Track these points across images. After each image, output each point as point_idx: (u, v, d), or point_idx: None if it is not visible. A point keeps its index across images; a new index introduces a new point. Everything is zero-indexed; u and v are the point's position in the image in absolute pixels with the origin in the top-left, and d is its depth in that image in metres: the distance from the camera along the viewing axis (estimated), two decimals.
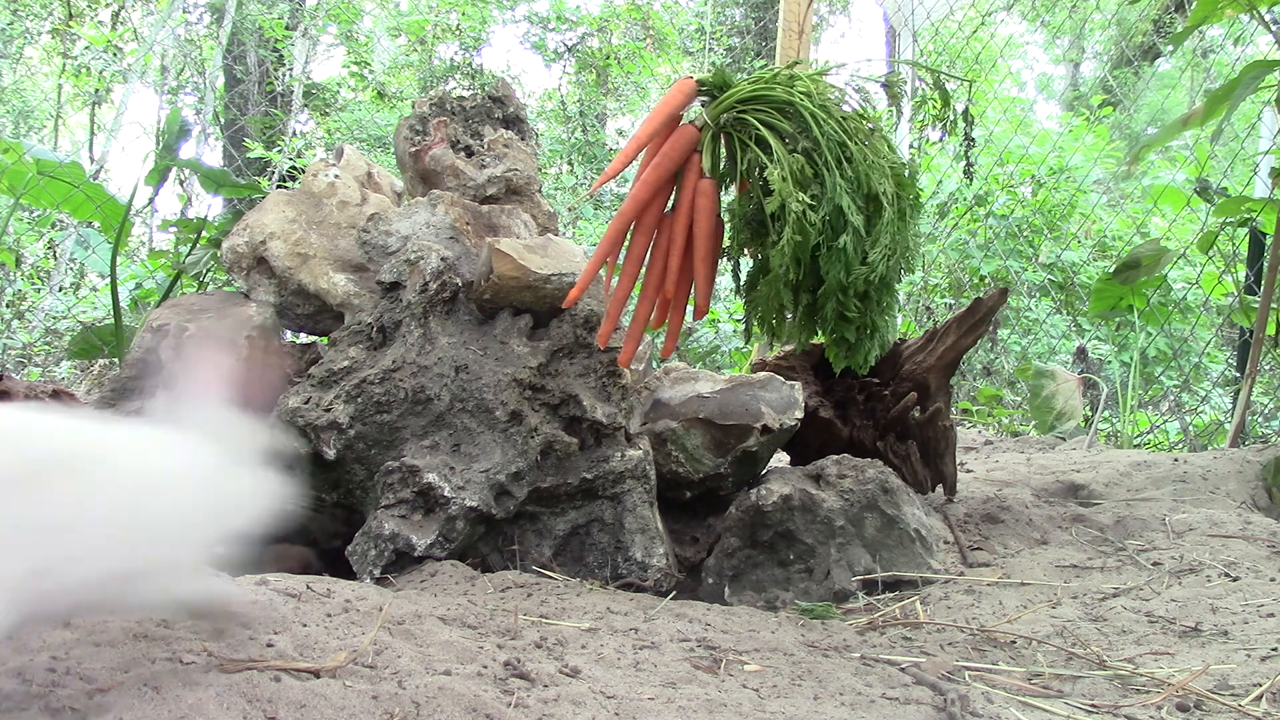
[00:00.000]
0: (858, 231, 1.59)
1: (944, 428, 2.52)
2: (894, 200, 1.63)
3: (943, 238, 6.58)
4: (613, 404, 2.02)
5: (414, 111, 2.44)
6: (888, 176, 1.63)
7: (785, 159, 1.60)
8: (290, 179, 8.90)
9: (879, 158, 1.63)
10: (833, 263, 1.59)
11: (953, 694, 1.24)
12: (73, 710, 0.86)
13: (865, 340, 1.69)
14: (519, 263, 1.98)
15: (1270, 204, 3.42)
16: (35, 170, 3.37)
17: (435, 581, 1.74)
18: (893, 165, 1.65)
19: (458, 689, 1.04)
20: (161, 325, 2.15)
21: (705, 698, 1.19)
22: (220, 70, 10.91)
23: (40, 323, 6.34)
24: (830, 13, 14.72)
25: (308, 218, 2.28)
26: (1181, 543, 2.20)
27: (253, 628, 1.13)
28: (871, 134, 1.68)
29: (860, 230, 1.59)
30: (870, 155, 1.62)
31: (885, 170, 1.63)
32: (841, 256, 1.58)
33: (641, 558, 1.96)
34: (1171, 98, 9.67)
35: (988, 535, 2.34)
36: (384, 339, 2.03)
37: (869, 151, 1.63)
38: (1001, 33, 8.69)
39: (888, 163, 1.64)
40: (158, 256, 4.16)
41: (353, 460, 1.94)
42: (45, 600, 0.85)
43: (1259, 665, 1.40)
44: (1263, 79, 2.82)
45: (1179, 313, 4.83)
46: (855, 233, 1.58)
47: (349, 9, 11.72)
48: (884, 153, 1.65)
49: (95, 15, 12.12)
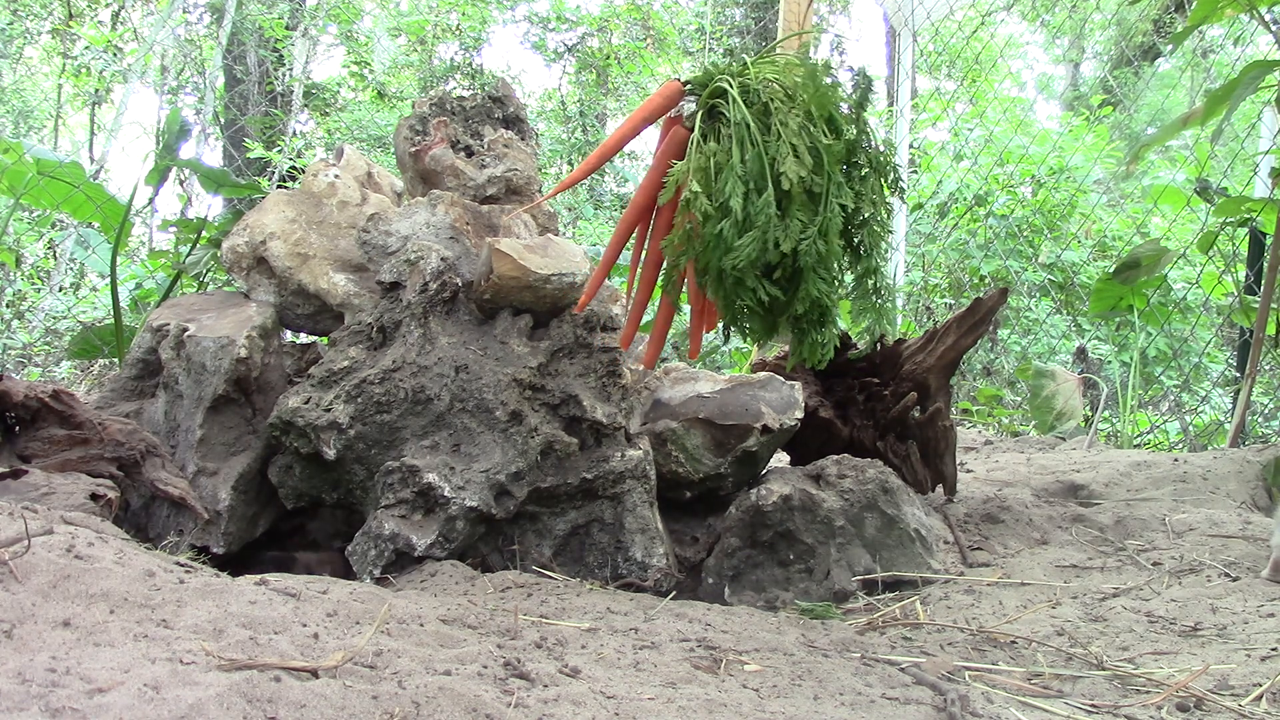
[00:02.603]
0: (735, 217, 1.57)
1: (944, 428, 2.52)
2: (809, 183, 1.58)
3: (943, 238, 6.58)
4: (613, 404, 2.02)
5: (414, 111, 2.44)
6: (803, 159, 1.58)
7: (696, 151, 1.61)
8: (290, 179, 8.91)
9: (801, 140, 1.59)
10: (712, 250, 1.59)
11: (953, 694, 1.24)
12: (73, 710, 0.86)
13: (812, 331, 1.67)
14: (519, 263, 1.98)
15: (1270, 204, 3.42)
16: (35, 170, 3.37)
17: (435, 581, 1.74)
18: (827, 148, 1.61)
19: (458, 689, 1.04)
20: (161, 325, 2.15)
21: (705, 698, 1.19)
22: (220, 70, 10.91)
23: (40, 323, 6.34)
24: (830, 13, 14.72)
25: (308, 218, 2.28)
26: (1181, 543, 2.20)
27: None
28: (818, 116, 1.63)
29: (738, 215, 1.57)
30: (791, 138, 1.59)
31: (803, 153, 1.58)
32: (720, 243, 1.57)
33: (641, 558, 1.96)
34: (1171, 98, 9.67)
35: (988, 535, 2.34)
36: (384, 339, 2.03)
37: (791, 134, 1.59)
38: (1001, 33, 8.69)
39: (824, 145, 1.60)
40: (158, 256, 4.16)
41: (353, 460, 1.94)
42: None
43: (1259, 665, 1.40)
44: (1263, 79, 2.82)
45: (1179, 313, 4.83)
46: (734, 219, 1.57)
47: (349, 9, 11.72)
48: (818, 135, 1.61)
49: (95, 15, 12.12)
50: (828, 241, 1.59)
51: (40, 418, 1.81)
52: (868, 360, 2.64)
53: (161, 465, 1.88)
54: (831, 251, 1.60)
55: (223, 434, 2.04)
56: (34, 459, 1.77)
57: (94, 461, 1.79)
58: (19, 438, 1.81)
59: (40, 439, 1.80)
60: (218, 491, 1.96)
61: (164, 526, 1.96)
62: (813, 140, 1.60)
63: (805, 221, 1.58)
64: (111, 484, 1.72)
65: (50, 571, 1.15)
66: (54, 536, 1.27)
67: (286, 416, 1.93)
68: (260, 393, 2.07)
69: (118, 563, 1.26)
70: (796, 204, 1.58)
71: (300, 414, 1.92)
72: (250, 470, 2.01)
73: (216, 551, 1.94)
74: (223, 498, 1.96)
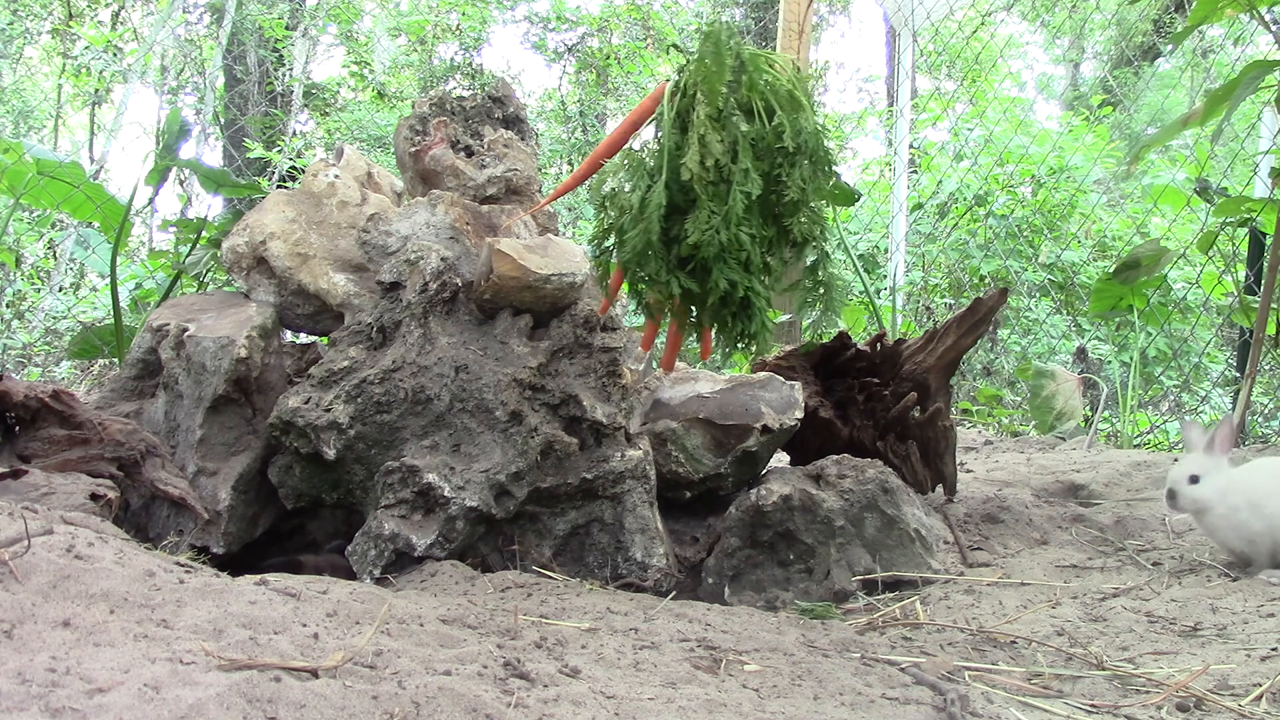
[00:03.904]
0: (633, 211, 1.63)
1: (944, 428, 2.52)
2: (717, 174, 1.60)
3: (943, 238, 6.58)
4: (613, 404, 2.02)
5: (414, 111, 2.44)
6: (710, 149, 1.60)
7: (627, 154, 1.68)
8: (290, 179, 8.90)
9: (712, 129, 1.61)
10: (622, 244, 1.65)
11: (953, 694, 1.24)
12: (73, 710, 0.86)
13: (737, 323, 1.69)
14: (519, 263, 1.98)
15: (1270, 204, 3.42)
16: (35, 170, 3.37)
17: (435, 581, 1.74)
18: (742, 136, 1.62)
19: (458, 689, 1.04)
20: (161, 325, 2.15)
21: (705, 698, 1.19)
22: (220, 70, 10.90)
23: (40, 323, 6.34)
24: (830, 13, 14.71)
25: (308, 218, 2.28)
26: (1181, 543, 2.20)
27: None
28: (757, 105, 1.65)
29: (635, 209, 1.62)
30: (699, 128, 1.60)
31: (712, 142, 1.60)
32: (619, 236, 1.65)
33: (641, 558, 1.96)
34: (1171, 98, 9.67)
35: (988, 535, 2.34)
36: (384, 339, 2.03)
37: (698, 124, 1.61)
38: (1001, 33, 8.69)
39: (740, 134, 1.61)
40: (158, 256, 4.16)
41: (353, 460, 1.94)
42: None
43: (1259, 665, 1.40)
44: (1263, 79, 2.82)
45: (1179, 313, 4.83)
46: (631, 212, 1.63)
47: (349, 9, 11.71)
48: (736, 124, 1.62)
49: (95, 15, 12.12)
50: (731, 231, 1.60)
51: (40, 418, 1.81)
52: (868, 360, 2.64)
53: (161, 465, 1.88)
54: (738, 241, 1.61)
55: (223, 434, 2.04)
56: (34, 459, 1.77)
57: (94, 461, 1.79)
58: (19, 438, 1.81)
59: (40, 439, 1.80)
60: (218, 491, 1.96)
61: (164, 526, 1.96)
62: (730, 130, 1.62)
63: (715, 211, 1.60)
64: (111, 484, 1.72)
65: (50, 571, 1.15)
66: (54, 536, 1.27)
67: (286, 416, 1.93)
68: (260, 393, 2.07)
69: (118, 563, 1.26)
70: (708, 195, 1.60)
71: (300, 414, 1.92)
72: (250, 470, 2.00)
73: (216, 551, 1.94)
74: (223, 498, 1.96)
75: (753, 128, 1.63)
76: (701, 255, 1.61)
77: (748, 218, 1.60)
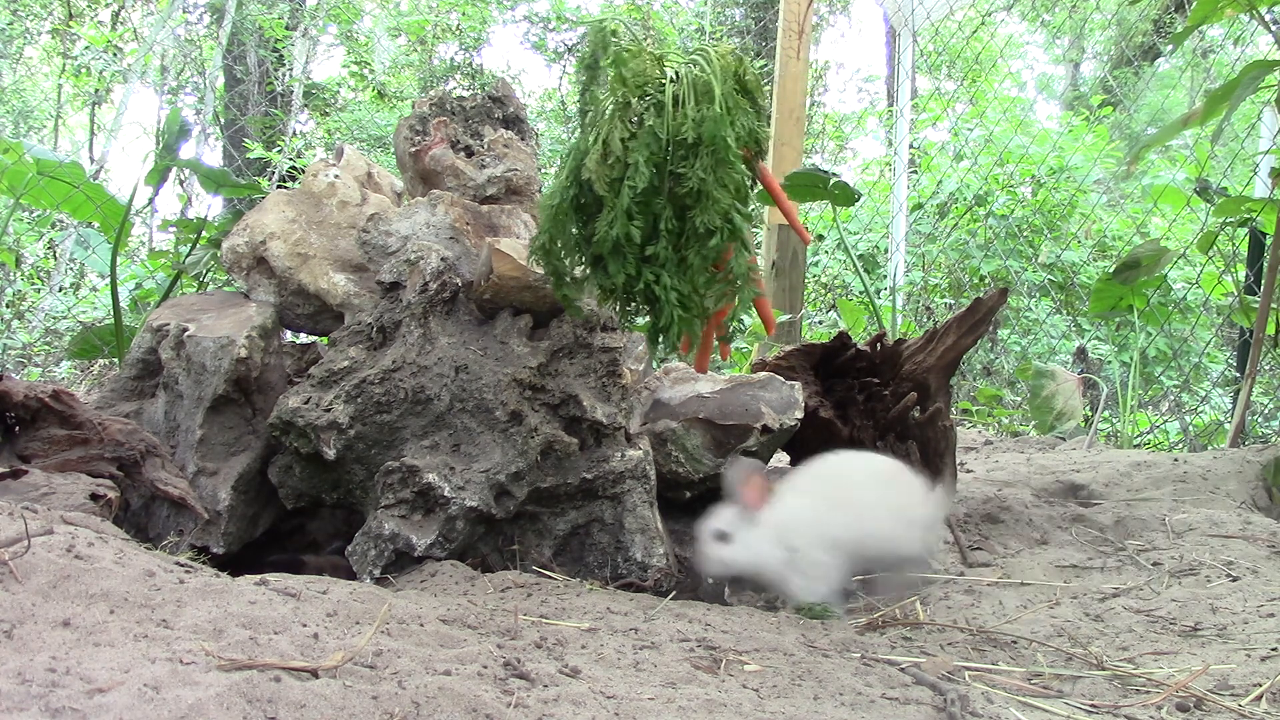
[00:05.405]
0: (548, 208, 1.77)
1: (944, 428, 2.52)
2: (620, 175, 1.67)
3: (943, 238, 6.58)
4: (613, 404, 2.02)
5: (414, 111, 2.44)
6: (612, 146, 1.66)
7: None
8: (290, 179, 8.90)
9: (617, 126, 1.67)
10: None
11: (953, 694, 1.24)
12: (73, 710, 0.86)
13: (642, 314, 1.77)
14: (519, 263, 1.98)
15: (1270, 204, 3.42)
16: (35, 170, 3.37)
17: (435, 581, 1.74)
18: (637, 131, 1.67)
19: (458, 689, 1.04)
20: (161, 325, 2.15)
21: (705, 698, 1.19)
22: (220, 70, 10.91)
23: (40, 323, 6.34)
24: (830, 13, 14.71)
25: (308, 218, 2.28)
26: (1181, 543, 2.20)
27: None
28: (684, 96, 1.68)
29: (550, 207, 1.75)
30: (603, 126, 1.67)
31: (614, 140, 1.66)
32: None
33: (641, 558, 1.96)
34: (1171, 98, 9.67)
35: (988, 535, 2.34)
36: (384, 339, 2.03)
37: (603, 122, 1.68)
38: (1001, 33, 8.69)
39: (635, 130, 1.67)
40: (158, 256, 4.16)
41: (353, 460, 1.94)
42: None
43: (1259, 665, 1.40)
44: (1263, 79, 2.82)
45: (1179, 313, 4.83)
46: (550, 213, 1.75)
47: (349, 9, 11.72)
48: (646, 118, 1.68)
49: (95, 15, 12.12)
50: (620, 226, 1.66)
51: (40, 418, 1.81)
52: (868, 360, 2.64)
53: (161, 465, 1.88)
54: (628, 235, 1.67)
55: (223, 434, 2.04)
56: (34, 459, 1.77)
57: (94, 461, 1.79)
58: (19, 438, 1.81)
59: (40, 439, 1.80)
60: (218, 491, 1.96)
61: (164, 526, 1.96)
62: (625, 126, 1.67)
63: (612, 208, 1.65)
64: (111, 484, 1.72)
65: (50, 571, 1.15)
66: (54, 536, 1.27)
67: (286, 416, 1.93)
68: (260, 393, 2.07)
69: (118, 563, 1.26)
70: (612, 192, 1.66)
71: (300, 414, 1.92)
72: (250, 470, 2.00)
73: (216, 552, 1.94)
74: (223, 498, 1.96)
75: (657, 122, 1.65)
76: (594, 251, 1.70)
77: (642, 212, 1.64)
